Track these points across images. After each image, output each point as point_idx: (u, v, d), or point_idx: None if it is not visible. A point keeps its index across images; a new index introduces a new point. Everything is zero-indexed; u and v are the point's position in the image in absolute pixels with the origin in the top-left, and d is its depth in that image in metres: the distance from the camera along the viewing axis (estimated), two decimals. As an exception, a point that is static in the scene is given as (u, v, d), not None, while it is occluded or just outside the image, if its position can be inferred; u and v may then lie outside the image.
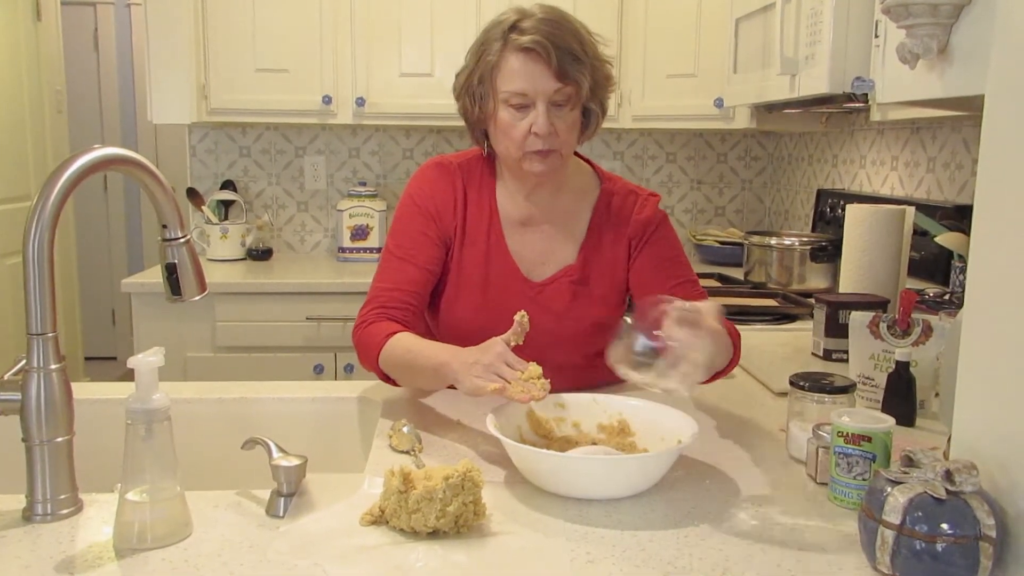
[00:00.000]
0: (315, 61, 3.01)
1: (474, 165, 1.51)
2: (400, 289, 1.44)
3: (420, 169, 1.53)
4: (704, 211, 3.60)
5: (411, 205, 1.50)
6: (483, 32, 1.42)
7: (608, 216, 1.50)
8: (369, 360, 1.39)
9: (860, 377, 1.47)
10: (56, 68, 4.15)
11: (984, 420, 0.93)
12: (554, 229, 1.50)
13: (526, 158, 1.39)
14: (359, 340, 1.42)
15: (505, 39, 1.36)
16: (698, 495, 1.09)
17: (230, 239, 3.23)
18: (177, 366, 2.81)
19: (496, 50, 1.36)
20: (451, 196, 1.48)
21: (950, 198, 2.27)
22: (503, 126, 1.38)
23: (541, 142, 1.36)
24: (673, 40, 2.94)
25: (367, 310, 1.44)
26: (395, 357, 1.35)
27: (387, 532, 0.97)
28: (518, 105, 1.36)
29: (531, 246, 1.49)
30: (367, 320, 1.42)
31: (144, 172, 1.05)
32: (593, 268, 1.49)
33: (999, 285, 0.91)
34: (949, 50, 1.13)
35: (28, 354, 1.00)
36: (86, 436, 1.14)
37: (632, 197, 1.52)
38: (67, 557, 0.91)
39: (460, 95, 1.44)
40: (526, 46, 1.34)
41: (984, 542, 0.84)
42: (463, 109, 1.45)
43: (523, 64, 1.34)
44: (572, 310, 1.48)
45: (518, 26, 1.35)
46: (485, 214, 1.48)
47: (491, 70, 1.37)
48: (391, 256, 1.47)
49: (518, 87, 1.35)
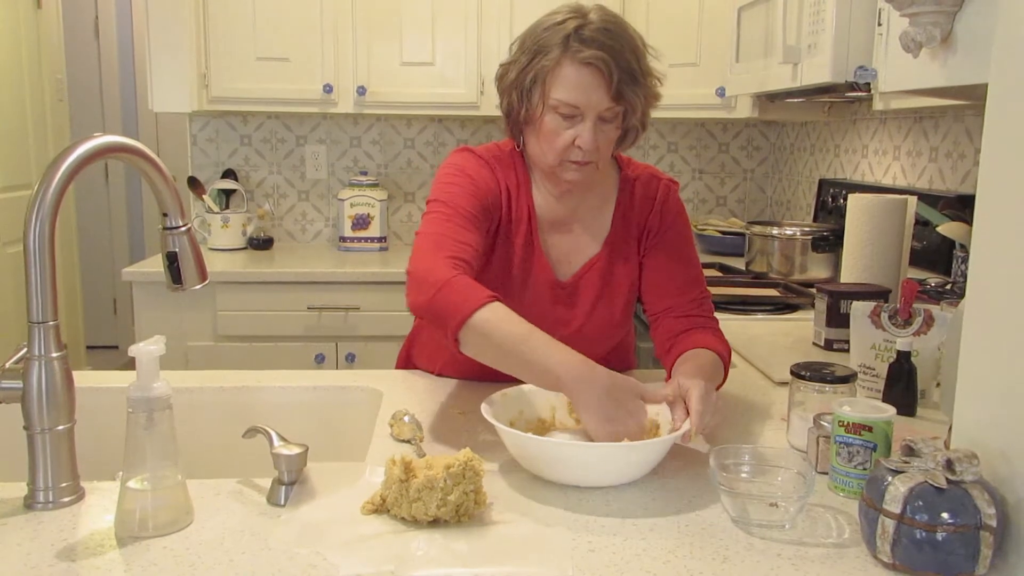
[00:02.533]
0: (316, 50, 3.00)
1: (506, 163, 1.46)
2: (472, 247, 1.32)
3: (459, 153, 1.47)
4: (706, 201, 3.60)
5: (463, 175, 1.41)
6: (538, 30, 1.35)
7: (632, 204, 1.49)
8: (454, 317, 1.18)
9: (861, 367, 1.47)
10: (57, 56, 4.14)
11: (985, 409, 0.93)
12: (581, 226, 1.48)
13: (563, 166, 1.37)
14: (449, 283, 1.21)
15: (566, 46, 1.30)
16: (698, 484, 1.09)
17: (231, 228, 3.23)
18: (178, 355, 2.81)
19: (555, 56, 1.31)
20: (496, 185, 1.43)
21: (952, 188, 2.26)
22: (546, 132, 1.35)
23: (582, 154, 1.34)
24: (675, 29, 2.92)
25: (444, 254, 1.27)
26: (498, 333, 1.18)
27: (388, 521, 0.97)
28: (566, 115, 1.33)
29: (560, 246, 1.47)
30: (446, 264, 1.25)
31: (144, 160, 1.05)
32: (618, 256, 1.48)
33: (1001, 275, 0.91)
34: (952, 38, 1.13)
35: (29, 342, 1.00)
36: (88, 424, 1.14)
37: (654, 182, 1.50)
38: (68, 545, 0.91)
39: (507, 90, 1.39)
40: (588, 60, 1.29)
41: (985, 531, 0.84)
42: (508, 105, 1.40)
43: (581, 77, 1.30)
44: (600, 303, 1.47)
45: (580, 34, 1.30)
46: (524, 214, 1.45)
47: (546, 74, 1.32)
48: (451, 213, 1.35)
49: (572, 99, 1.31)
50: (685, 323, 1.42)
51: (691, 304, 1.44)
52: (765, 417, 1.37)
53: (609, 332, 1.50)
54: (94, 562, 0.88)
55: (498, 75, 1.42)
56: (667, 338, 1.41)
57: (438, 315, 1.21)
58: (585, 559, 0.90)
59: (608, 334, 1.50)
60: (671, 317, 1.43)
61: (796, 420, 1.22)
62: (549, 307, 1.45)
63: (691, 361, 1.30)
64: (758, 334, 1.91)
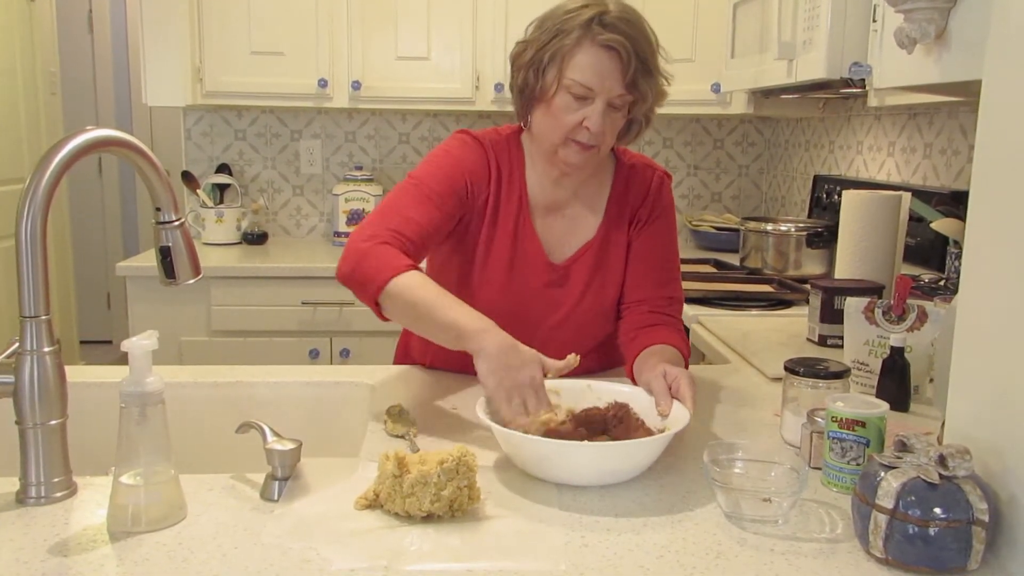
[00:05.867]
0: (311, 44, 2.99)
1: (502, 146, 1.49)
2: (420, 224, 1.37)
3: (455, 135, 1.50)
4: (701, 197, 3.60)
5: (449, 155, 1.46)
6: (559, 12, 1.37)
7: (626, 190, 1.51)
8: (372, 284, 1.28)
9: (855, 363, 1.47)
10: (50, 49, 4.12)
11: (978, 405, 0.94)
12: (576, 210, 1.51)
13: (566, 144, 1.38)
14: (364, 254, 1.31)
15: (587, 28, 1.33)
16: (692, 480, 1.09)
17: (225, 223, 3.22)
18: (172, 350, 2.80)
19: (576, 36, 1.33)
20: (486, 168, 1.46)
21: (946, 184, 2.27)
22: (556, 110, 1.36)
23: (588, 136, 1.36)
24: (671, 25, 2.91)
25: (378, 227, 1.35)
26: (411, 296, 1.27)
27: (381, 516, 0.97)
28: (578, 96, 1.34)
29: (554, 228, 1.50)
30: (378, 236, 1.33)
31: (137, 154, 1.05)
32: (612, 241, 1.50)
33: (994, 271, 0.91)
34: (947, 35, 1.13)
35: (21, 337, 0.99)
36: (80, 419, 1.14)
37: (649, 171, 1.53)
38: (61, 540, 0.91)
39: (524, 67, 1.40)
40: (608, 44, 1.32)
41: (977, 526, 0.84)
42: (522, 81, 1.41)
43: (599, 60, 1.33)
44: (592, 287, 1.49)
45: (602, 19, 1.33)
46: (515, 197, 1.47)
47: (565, 53, 1.34)
48: (415, 189, 1.41)
49: (587, 80, 1.33)
50: (652, 319, 1.46)
51: (663, 301, 1.49)
52: (759, 413, 1.38)
53: (599, 319, 1.51)
54: (86, 557, 0.87)
55: (515, 52, 1.43)
56: (633, 328, 1.46)
57: (359, 283, 1.31)
58: (578, 554, 0.90)
59: (598, 321, 1.51)
60: (641, 312, 1.48)
61: (790, 416, 1.22)
62: (541, 289, 1.48)
63: (658, 355, 1.34)
64: (752, 330, 1.91)
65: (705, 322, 2.03)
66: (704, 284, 2.43)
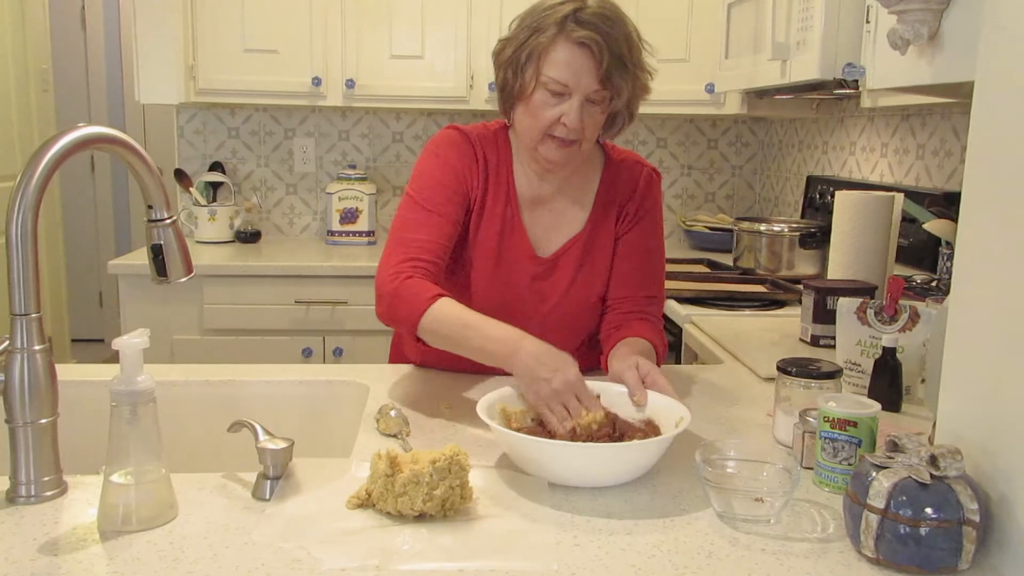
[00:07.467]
0: (305, 42, 2.98)
1: (490, 140, 1.50)
2: (433, 242, 1.41)
3: (442, 132, 1.51)
4: (694, 197, 3.60)
5: (438, 159, 1.48)
6: (539, 9, 1.39)
7: (615, 185, 1.52)
8: (410, 319, 1.32)
9: (847, 363, 1.48)
10: (42, 46, 4.10)
11: (969, 406, 0.94)
12: (563, 204, 1.52)
13: (545, 141, 1.39)
14: (396, 292, 1.35)
15: (562, 26, 1.34)
16: (683, 481, 1.09)
17: (218, 221, 3.21)
18: (164, 348, 2.80)
19: (550, 34, 1.35)
20: (474, 163, 1.48)
21: (939, 185, 2.27)
22: (534, 107, 1.38)
23: (566, 131, 1.37)
24: (665, 25, 2.92)
25: (399, 260, 1.38)
26: (446, 326, 1.31)
27: (373, 515, 0.97)
28: (555, 92, 1.36)
29: (541, 222, 1.51)
30: (403, 272, 1.36)
31: (129, 151, 1.04)
32: (599, 235, 1.51)
33: (986, 272, 0.91)
34: (940, 36, 1.13)
35: (11, 335, 0.99)
36: (71, 418, 1.14)
37: (638, 167, 1.55)
38: (51, 539, 0.90)
39: (504, 66, 1.42)
40: (581, 40, 1.33)
41: (967, 526, 0.84)
42: (503, 80, 1.43)
43: (573, 56, 1.34)
44: (578, 280, 1.50)
45: (577, 16, 1.34)
46: (503, 191, 1.49)
47: (541, 51, 1.36)
48: (418, 207, 1.44)
49: (562, 76, 1.34)
50: (631, 316, 1.49)
51: (644, 300, 1.51)
52: (751, 412, 1.38)
53: (587, 312, 1.52)
54: (77, 556, 0.87)
55: (496, 50, 1.45)
56: (611, 326, 1.49)
57: (397, 323, 1.37)
58: (570, 554, 0.90)
59: (586, 314, 1.52)
60: (621, 310, 1.50)
61: (782, 415, 1.22)
62: (529, 282, 1.49)
63: (631, 346, 1.38)
64: (745, 330, 1.91)
65: (698, 322, 2.03)
66: (697, 284, 2.44)
